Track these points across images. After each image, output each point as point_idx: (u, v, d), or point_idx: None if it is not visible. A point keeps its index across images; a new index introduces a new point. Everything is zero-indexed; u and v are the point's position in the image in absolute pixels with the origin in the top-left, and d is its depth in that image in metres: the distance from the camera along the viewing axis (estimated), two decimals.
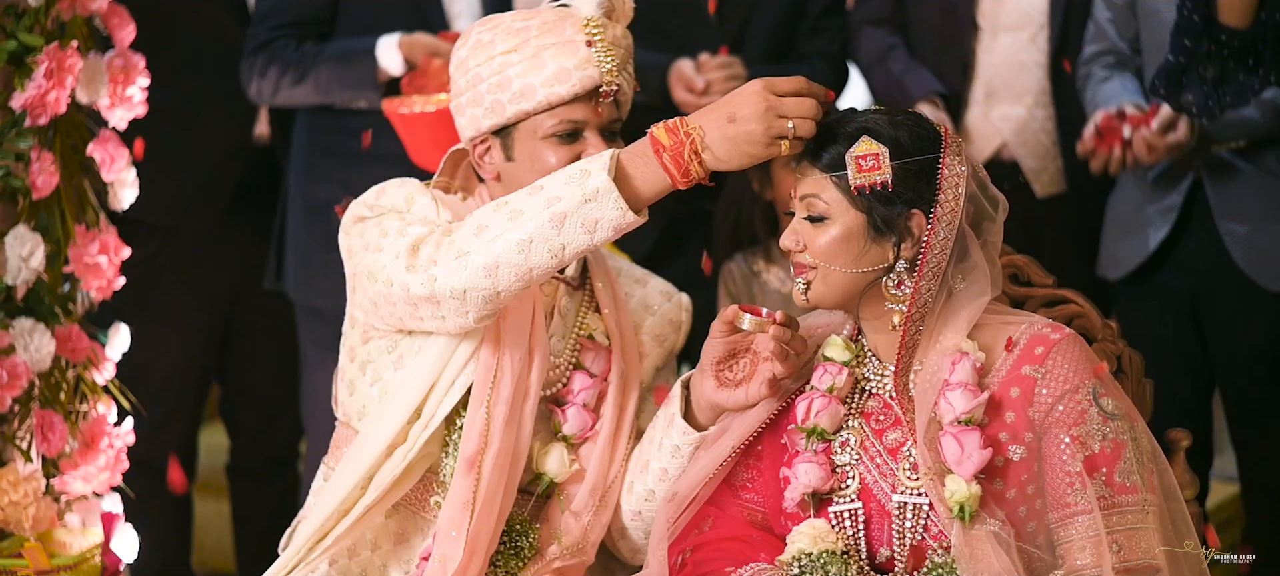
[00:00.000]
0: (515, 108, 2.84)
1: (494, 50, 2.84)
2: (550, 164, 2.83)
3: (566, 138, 2.85)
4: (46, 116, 3.28)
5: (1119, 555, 2.57)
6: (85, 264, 3.41)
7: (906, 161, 2.64)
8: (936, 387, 2.64)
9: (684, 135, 2.63)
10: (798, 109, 2.62)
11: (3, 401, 3.26)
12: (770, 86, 2.63)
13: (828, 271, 2.68)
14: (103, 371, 3.48)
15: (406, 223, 2.81)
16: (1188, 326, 4.14)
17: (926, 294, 2.67)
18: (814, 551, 2.65)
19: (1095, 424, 2.61)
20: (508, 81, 2.83)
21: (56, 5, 3.31)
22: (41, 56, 3.25)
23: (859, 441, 2.72)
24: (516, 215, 2.67)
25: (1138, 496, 2.60)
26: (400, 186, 2.90)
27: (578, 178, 2.65)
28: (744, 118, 2.61)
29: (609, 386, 2.98)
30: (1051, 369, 2.64)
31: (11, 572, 3.26)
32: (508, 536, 2.89)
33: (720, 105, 2.64)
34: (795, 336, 2.74)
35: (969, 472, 2.58)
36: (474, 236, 2.69)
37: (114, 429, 3.47)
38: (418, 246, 2.75)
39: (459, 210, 2.88)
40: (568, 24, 2.82)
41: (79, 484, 3.43)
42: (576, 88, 2.82)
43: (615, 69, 2.83)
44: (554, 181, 2.66)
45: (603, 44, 2.81)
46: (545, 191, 2.66)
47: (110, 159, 3.44)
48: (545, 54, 2.81)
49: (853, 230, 2.67)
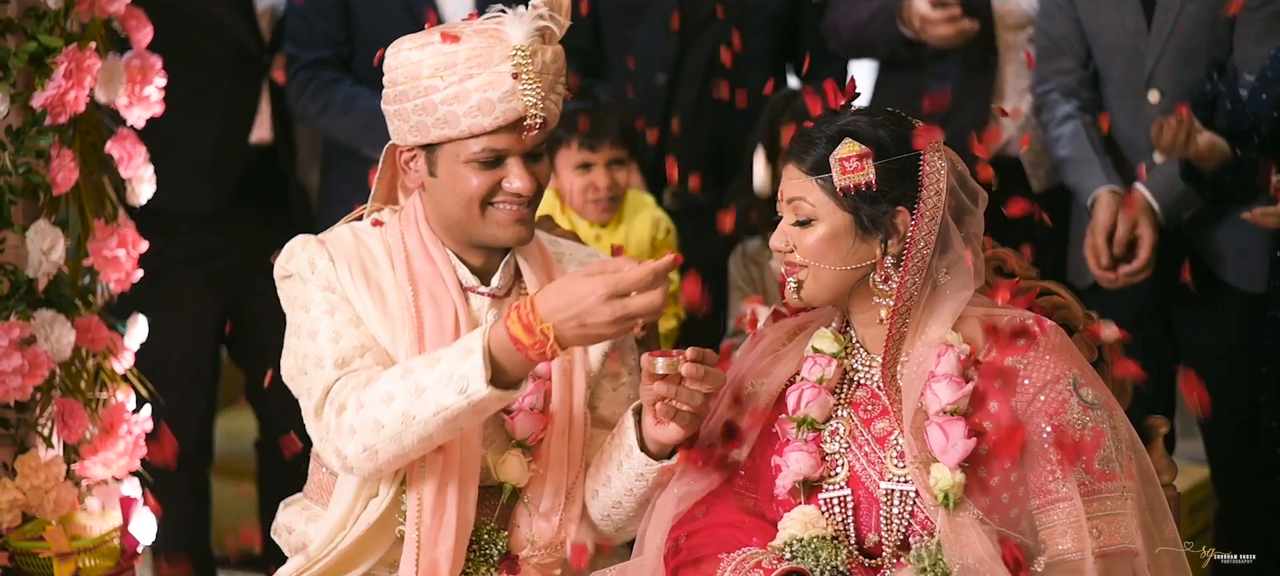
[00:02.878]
0: (438, 132, 2.77)
1: (421, 72, 2.75)
2: (472, 186, 2.77)
3: (488, 164, 2.78)
4: (66, 115, 3.29)
5: (1098, 540, 2.56)
6: (104, 257, 3.42)
7: (889, 161, 2.63)
8: (922, 379, 2.64)
9: (541, 334, 2.61)
10: (643, 304, 2.59)
11: (25, 389, 3.26)
12: (615, 290, 2.59)
13: (818, 270, 2.67)
14: (121, 360, 3.49)
15: (313, 350, 2.80)
16: (1152, 317, 4.13)
17: (912, 288, 2.66)
18: (805, 537, 2.65)
19: (1076, 413, 2.61)
20: (432, 106, 2.75)
21: (76, 8, 3.31)
22: (61, 57, 3.25)
23: (848, 430, 2.71)
24: (410, 419, 2.67)
25: (1117, 483, 2.60)
26: (303, 248, 2.86)
27: (461, 385, 2.64)
28: (593, 323, 2.60)
29: (552, 384, 2.90)
30: (1034, 360, 2.64)
31: (34, 553, 3.27)
32: (476, 544, 2.85)
33: (570, 305, 2.60)
34: (708, 371, 2.67)
35: (953, 461, 2.57)
36: (374, 431, 2.69)
37: (132, 416, 3.48)
38: (320, 408, 2.76)
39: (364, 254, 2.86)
40: (496, 52, 2.72)
41: (99, 469, 3.44)
42: (500, 120, 2.74)
43: (540, 101, 2.74)
44: (439, 389, 2.65)
45: (529, 75, 2.72)
46: (434, 396, 2.65)
47: (128, 156, 3.44)
48: (470, 83, 2.72)
49: (840, 230, 2.66)
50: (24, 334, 3.25)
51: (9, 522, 3.29)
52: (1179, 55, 3.96)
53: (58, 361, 3.33)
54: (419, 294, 2.84)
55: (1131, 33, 4.01)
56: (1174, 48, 3.96)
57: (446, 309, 2.84)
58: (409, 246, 2.88)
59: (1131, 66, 4.03)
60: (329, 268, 2.84)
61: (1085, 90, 4.14)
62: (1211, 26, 3.94)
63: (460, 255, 2.89)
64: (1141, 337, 4.10)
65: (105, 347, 3.43)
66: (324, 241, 2.88)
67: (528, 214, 2.82)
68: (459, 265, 2.88)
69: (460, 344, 2.68)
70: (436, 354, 2.70)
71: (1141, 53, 4.01)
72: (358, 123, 4.30)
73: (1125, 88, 4.06)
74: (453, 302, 2.85)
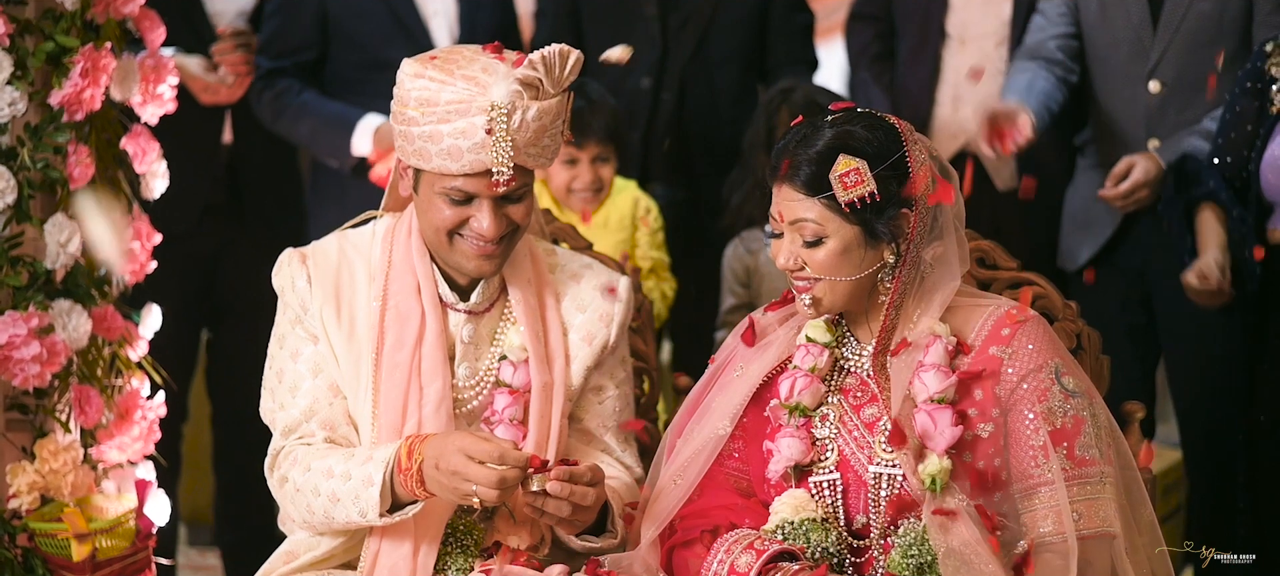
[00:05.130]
0: (416, 161, 2.77)
1: (407, 101, 2.74)
2: (443, 216, 2.78)
3: (458, 201, 2.78)
4: (82, 112, 3.28)
5: (1079, 523, 2.58)
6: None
7: (884, 167, 2.63)
8: (912, 368, 2.65)
9: (416, 467, 2.70)
10: (482, 477, 2.61)
11: (43, 377, 3.25)
12: (467, 451, 2.64)
13: (833, 283, 2.67)
14: (136, 349, 3.48)
15: (278, 393, 2.90)
16: (1136, 301, 4.15)
17: (909, 279, 2.67)
18: (796, 520, 2.67)
19: (1058, 401, 2.62)
20: (411, 137, 2.75)
21: (92, 8, 3.30)
22: (77, 57, 3.23)
23: (838, 416, 2.73)
24: (331, 518, 2.81)
25: (1096, 468, 2.62)
26: (287, 264, 2.91)
27: (362, 509, 2.75)
28: (443, 470, 2.66)
29: (531, 397, 2.90)
30: (1017, 349, 2.65)
31: (52, 535, 3.27)
32: (453, 537, 2.84)
33: (435, 451, 2.68)
34: (573, 490, 2.67)
35: (941, 448, 2.59)
36: (306, 513, 2.83)
37: (146, 402, 3.48)
38: (271, 467, 2.89)
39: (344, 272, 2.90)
40: (474, 104, 2.69)
41: (114, 453, 3.43)
42: (466, 169, 2.72)
43: (507, 161, 2.70)
44: (348, 506, 2.77)
45: (501, 133, 2.69)
46: (345, 509, 2.77)
47: (142, 152, 3.43)
48: (444, 127, 2.70)
49: (851, 242, 2.65)
50: (42, 323, 3.25)
51: (28, 504, 3.28)
52: (1184, 48, 3.99)
53: (75, 349, 3.32)
54: (387, 312, 2.86)
55: (1135, 26, 4.04)
56: (1180, 41, 3.98)
57: (410, 327, 2.85)
58: (394, 258, 2.90)
59: (1133, 58, 4.05)
60: (305, 290, 2.88)
61: (1060, 70, 4.15)
62: (1218, 22, 3.97)
63: (446, 269, 2.90)
64: (1126, 324, 4.13)
65: (120, 336, 3.42)
66: (306, 257, 2.91)
67: (494, 250, 2.81)
68: (440, 280, 2.89)
69: (365, 470, 2.75)
70: (349, 470, 2.77)
71: (1146, 46, 4.03)
72: (305, 130, 4.30)
73: (1125, 78, 4.08)
74: (419, 319, 2.86)
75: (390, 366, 2.84)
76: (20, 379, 3.23)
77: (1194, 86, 3.98)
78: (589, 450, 2.97)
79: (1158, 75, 4.02)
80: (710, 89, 4.44)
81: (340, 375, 2.87)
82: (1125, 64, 4.06)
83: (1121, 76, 4.08)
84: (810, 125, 2.69)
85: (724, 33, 4.43)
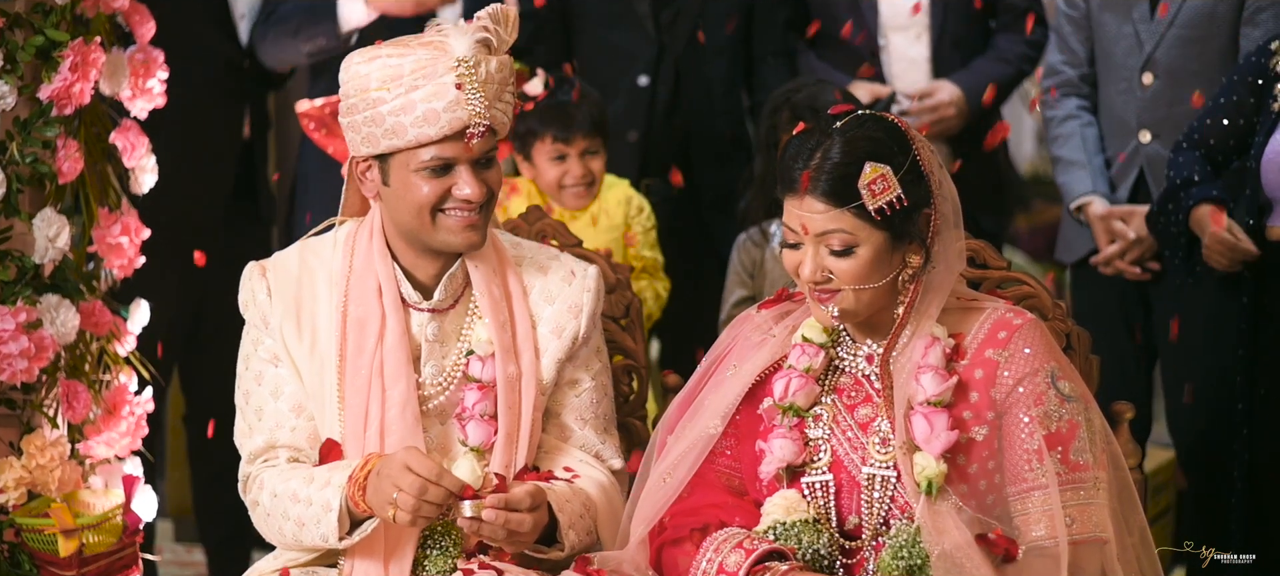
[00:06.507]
0: (387, 142, 2.76)
1: (369, 85, 2.74)
2: (423, 194, 2.76)
3: (438, 171, 2.77)
4: (71, 107, 3.26)
5: (1071, 528, 2.56)
6: (108, 244, 3.39)
7: (905, 169, 2.59)
8: (910, 370, 2.62)
9: (362, 480, 2.71)
10: (411, 487, 2.62)
11: (31, 371, 3.24)
12: (409, 463, 2.65)
13: (860, 291, 2.63)
14: (124, 344, 3.47)
15: (247, 414, 2.90)
16: (1134, 300, 4.13)
17: (929, 276, 2.64)
18: (788, 520, 2.64)
19: (1053, 405, 2.60)
20: (381, 117, 2.74)
21: (81, 3, 3.29)
22: (67, 51, 3.22)
23: (831, 416, 2.70)
24: (298, 541, 2.81)
25: (1090, 473, 2.59)
26: (248, 278, 2.90)
27: (325, 533, 2.76)
28: (383, 475, 2.67)
29: (498, 391, 2.87)
30: (1013, 353, 2.62)
31: (39, 530, 3.25)
32: (430, 538, 2.80)
33: (383, 462, 2.69)
34: (509, 517, 2.67)
35: (937, 450, 2.57)
36: (277, 535, 2.85)
37: (134, 397, 3.46)
38: (243, 486, 2.90)
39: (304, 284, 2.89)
40: (440, 64, 2.71)
41: (102, 448, 3.42)
42: (445, 129, 2.73)
43: (484, 110, 2.73)
44: (311, 530, 2.77)
45: (472, 85, 2.71)
46: (310, 532, 2.77)
47: (131, 146, 3.42)
48: (415, 95, 2.71)
49: (881, 248, 2.60)
50: (30, 318, 3.23)
51: (15, 500, 3.27)
52: (1177, 42, 3.99)
53: (63, 344, 3.30)
54: (348, 320, 2.85)
55: (1135, 19, 4.04)
56: (1173, 35, 3.99)
57: (371, 330, 2.83)
58: (355, 263, 2.87)
59: (1131, 49, 4.05)
60: (267, 303, 2.87)
61: (1087, 85, 4.18)
62: (1210, 18, 3.97)
63: (410, 269, 2.87)
64: (1123, 320, 4.12)
65: (108, 331, 3.41)
66: (267, 270, 2.90)
67: (478, 219, 2.80)
68: (403, 280, 2.86)
69: (324, 495, 2.75)
70: (310, 495, 2.77)
71: (1142, 38, 4.03)
72: (291, 30, 4.25)
73: (1122, 69, 4.08)
74: (380, 321, 2.84)
75: (353, 371, 2.83)
76: (8, 374, 3.22)
77: (1186, 81, 3.98)
78: (565, 446, 2.93)
79: (1151, 67, 4.02)
80: (704, 81, 4.42)
81: (304, 390, 2.86)
82: (1124, 56, 4.07)
83: (1120, 67, 4.09)
84: (817, 132, 2.64)
85: (715, 25, 4.41)
